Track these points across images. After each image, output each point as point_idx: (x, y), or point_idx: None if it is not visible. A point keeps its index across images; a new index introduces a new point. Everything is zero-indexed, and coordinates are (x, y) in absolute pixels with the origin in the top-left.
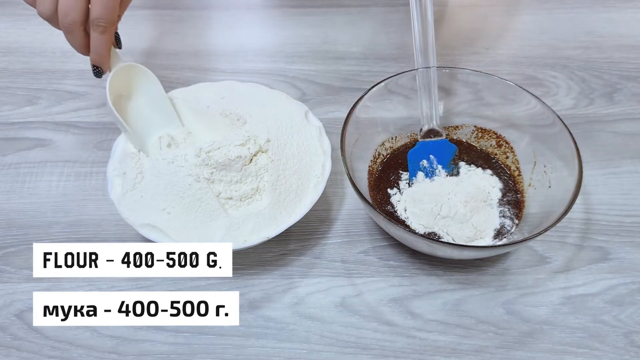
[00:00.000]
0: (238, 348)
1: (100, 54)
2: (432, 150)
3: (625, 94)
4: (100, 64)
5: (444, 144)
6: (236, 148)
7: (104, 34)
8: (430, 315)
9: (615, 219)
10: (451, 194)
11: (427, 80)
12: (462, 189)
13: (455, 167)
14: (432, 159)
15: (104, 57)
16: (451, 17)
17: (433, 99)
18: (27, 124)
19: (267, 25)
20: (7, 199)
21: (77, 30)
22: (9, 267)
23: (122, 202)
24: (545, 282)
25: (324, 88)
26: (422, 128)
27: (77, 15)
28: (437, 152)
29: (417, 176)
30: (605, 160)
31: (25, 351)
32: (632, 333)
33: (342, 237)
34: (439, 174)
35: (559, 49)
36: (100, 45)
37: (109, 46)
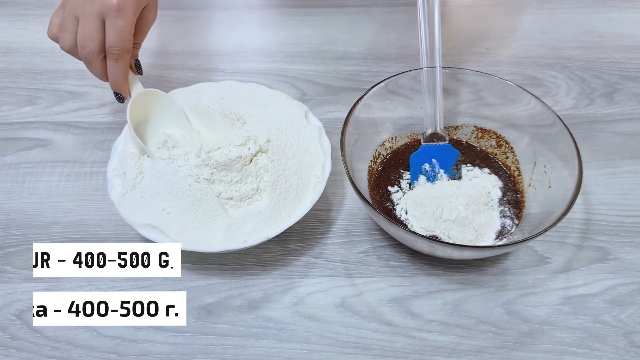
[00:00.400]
0: (238, 348)
1: (117, 81)
2: (435, 154)
3: (625, 94)
4: (118, 90)
5: (447, 148)
6: (236, 148)
7: (118, 62)
8: (430, 315)
9: (615, 219)
10: (452, 197)
11: (433, 82)
12: (464, 192)
13: (458, 172)
14: (435, 163)
15: (121, 84)
16: (451, 17)
17: (437, 102)
18: (27, 124)
19: (267, 25)
20: (7, 199)
21: (94, 60)
22: (9, 267)
23: (122, 202)
24: (545, 282)
25: (324, 88)
26: (426, 131)
27: (94, 45)
28: (439, 157)
29: (419, 180)
30: (605, 160)
31: (25, 351)
32: (632, 333)
33: (342, 237)
34: (440, 179)
35: (559, 49)
36: (115, 72)
37: (124, 73)
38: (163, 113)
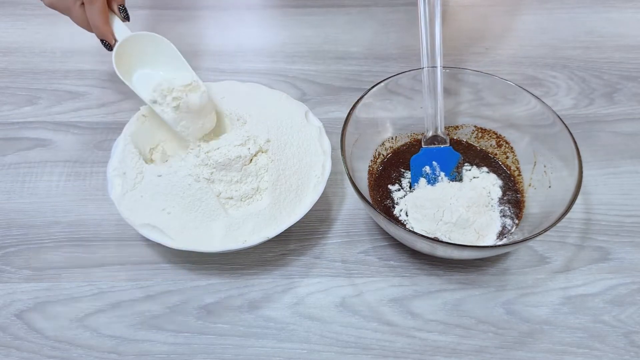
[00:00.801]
0: (238, 348)
1: (97, 25)
2: (436, 157)
3: (625, 94)
4: (102, 36)
5: (448, 151)
6: (236, 148)
7: (94, 4)
8: (430, 315)
9: (615, 219)
10: (453, 198)
11: (434, 82)
12: (464, 193)
13: (459, 175)
14: (435, 166)
15: (102, 28)
16: (451, 17)
17: (438, 103)
18: (27, 124)
19: (267, 25)
20: (7, 199)
21: (72, 7)
22: (9, 267)
23: (122, 202)
24: (545, 282)
25: (324, 88)
26: (426, 134)
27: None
28: (440, 160)
29: (419, 182)
30: (605, 160)
31: (25, 351)
32: (632, 333)
33: (342, 237)
34: (441, 181)
35: (559, 49)
36: (93, 16)
37: (103, 16)
38: (158, 57)
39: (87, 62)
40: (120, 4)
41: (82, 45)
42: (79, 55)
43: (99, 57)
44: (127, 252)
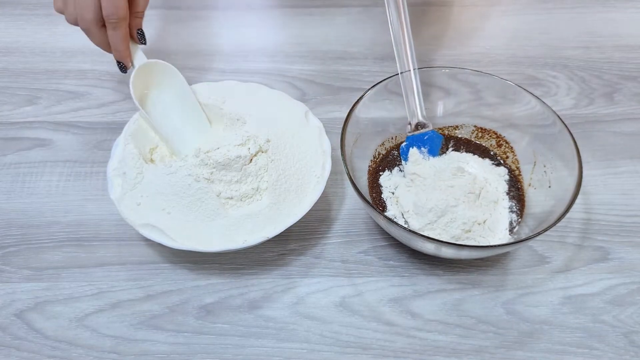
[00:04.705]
0: (238, 348)
1: (118, 49)
2: (422, 142)
3: (625, 94)
4: (121, 59)
5: (432, 134)
6: (236, 148)
7: (117, 30)
8: (430, 315)
9: (615, 219)
10: (458, 200)
11: (409, 83)
12: (468, 193)
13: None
14: (423, 151)
15: (122, 52)
16: (451, 17)
17: (416, 95)
18: (27, 124)
19: (267, 25)
20: (7, 199)
21: (93, 29)
22: (9, 267)
23: (122, 202)
24: (545, 282)
25: (324, 88)
26: (410, 124)
27: (90, 15)
28: (426, 143)
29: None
30: (605, 160)
31: (25, 351)
32: (632, 333)
33: (342, 237)
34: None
35: (559, 49)
36: (115, 40)
37: (124, 41)
38: (168, 85)
39: (87, 62)
40: (139, 29)
41: (82, 45)
42: (79, 55)
43: (99, 57)
44: (127, 252)
